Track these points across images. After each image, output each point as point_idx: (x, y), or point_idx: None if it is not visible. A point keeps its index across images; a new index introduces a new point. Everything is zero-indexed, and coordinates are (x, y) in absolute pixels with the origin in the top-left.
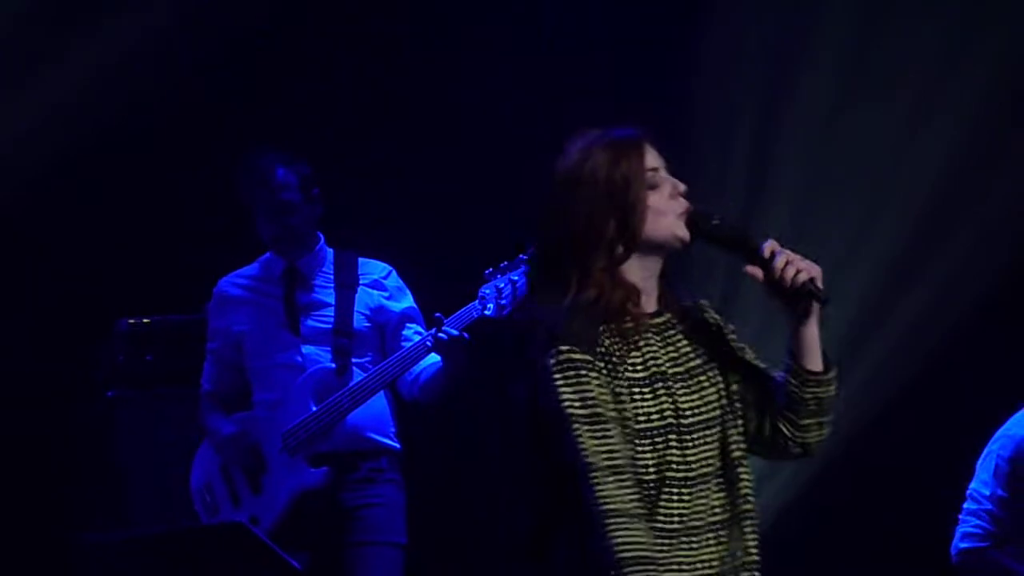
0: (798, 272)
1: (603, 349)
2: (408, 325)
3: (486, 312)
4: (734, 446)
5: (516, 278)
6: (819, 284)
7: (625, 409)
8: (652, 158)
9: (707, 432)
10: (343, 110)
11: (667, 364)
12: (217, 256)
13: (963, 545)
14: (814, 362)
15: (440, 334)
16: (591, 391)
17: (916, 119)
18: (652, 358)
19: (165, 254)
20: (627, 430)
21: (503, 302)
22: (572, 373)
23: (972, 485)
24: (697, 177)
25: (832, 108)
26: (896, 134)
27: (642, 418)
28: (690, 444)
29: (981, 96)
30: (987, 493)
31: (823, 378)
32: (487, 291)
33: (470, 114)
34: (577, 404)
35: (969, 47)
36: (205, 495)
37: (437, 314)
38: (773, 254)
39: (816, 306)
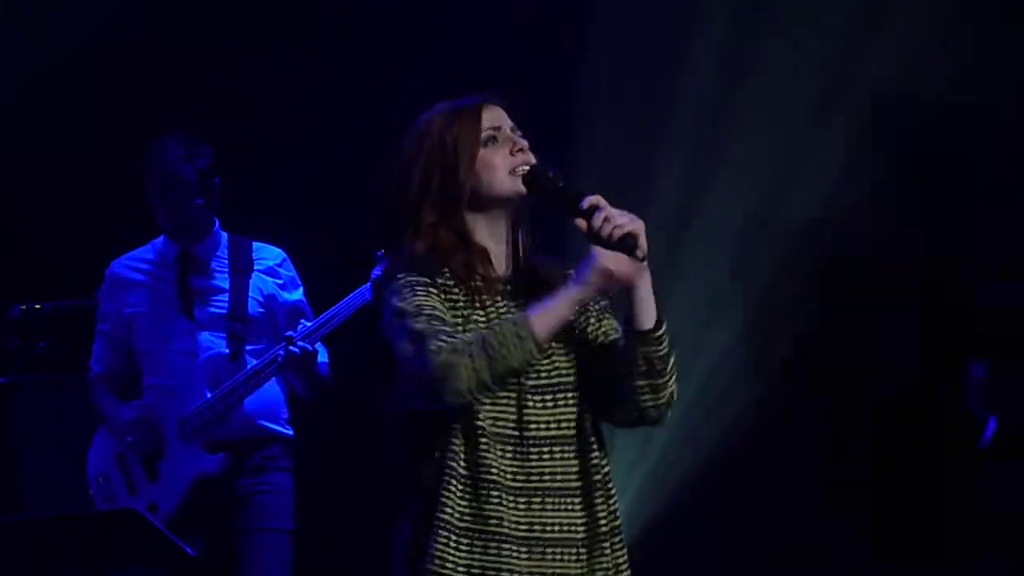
0: (615, 227)
1: (441, 283)
2: (300, 321)
3: None
4: (587, 415)
5: None
6: (640, 242)
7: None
8: (494, 117)
9: (557, 395)
10: (237, 94)
11: None
12: (109, 241)
13: None
14: (643, 320)
15: (292, 348)
16: (430, 301)
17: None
18: (496, 318)
19: (56, 240)
20: None
21: None
22: (410, 289)
23: None
24: (584, 169)
25: (715, 103)
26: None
27: None
28: (530, 404)
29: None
30: None
31: (650, 336)
32: (378, 273)
33: (362, 96)
34: (409, 308)
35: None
36: (101, 482)
37: (289, 332)
38: (593, 208)
39: (645, 260)
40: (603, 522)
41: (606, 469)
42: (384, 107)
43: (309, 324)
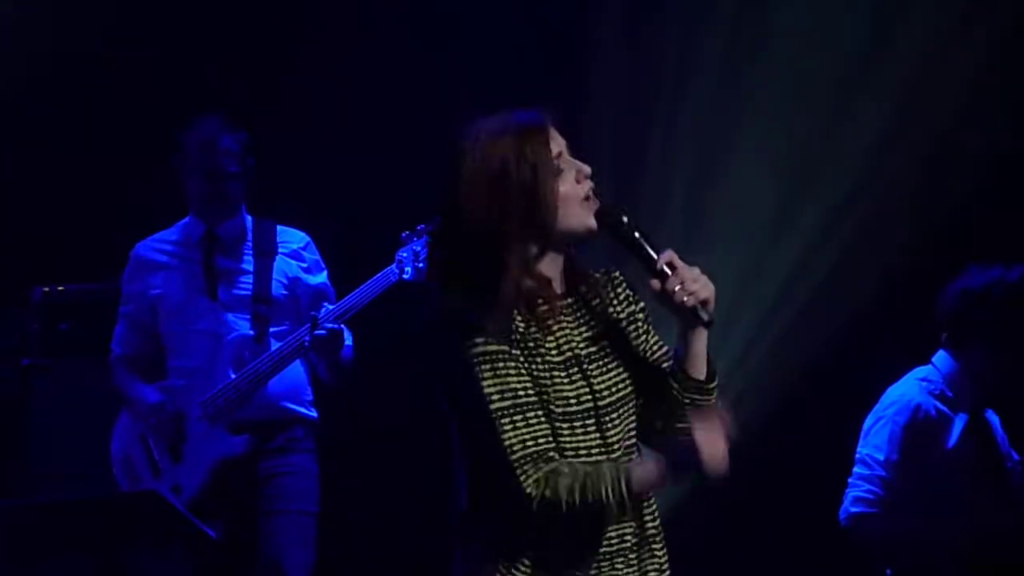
0: (689, 295)
1: (518, 336)
2: (322, 304)
3: (404, 276)
4: (644, 422)
5: None
6: (709, 307)
7: (547, 393)
8: (555, 142)
9: (623, 411)
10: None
11: (581, 345)
12: (131, 224)
13: (854, 510)
14: (697, 370)
15: (319, 331)
16: (510, 381)
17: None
18: (567, 341)
19: (81, 223)
20: (552, 415)
21: (421, 265)
22: (489, 365)
23: (863, 450)
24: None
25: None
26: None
27: (561, 403)
28: (608, 425)
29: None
30: (880, 458)
31: (703, 387)
32: (404, 255)
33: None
34: (496, 397)
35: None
36: (125, 464)
37: (313, 312)
38: (667, 270)
39: (713, 324)
40: (650, 526)
41: None
42: (405, 93)
43: (333, 307)
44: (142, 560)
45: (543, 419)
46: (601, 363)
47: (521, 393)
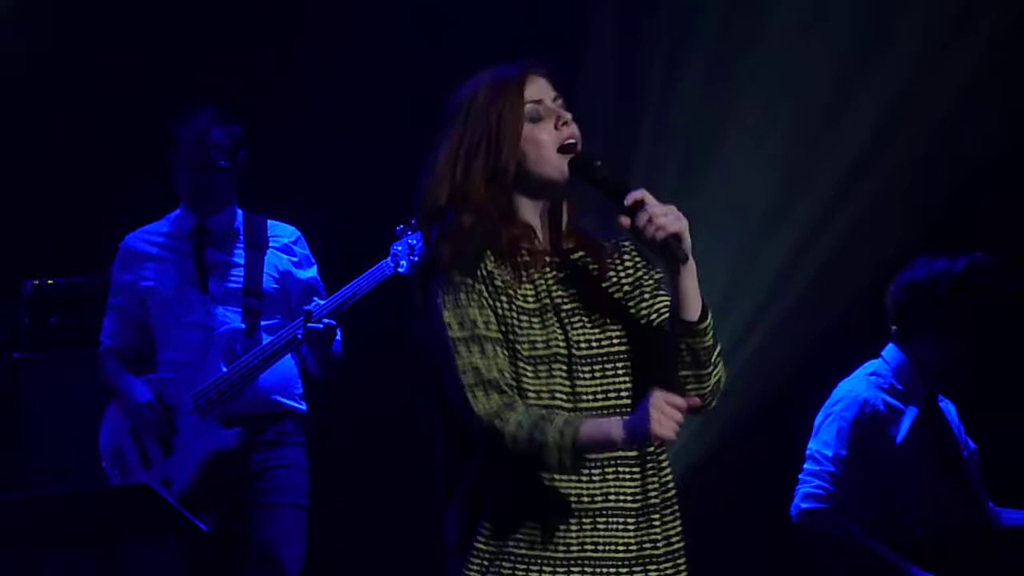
0: (658, 229)
1: (484, 275)
2: (312, 298)
3: (399, 269)
4: (641, 386)
5: None
6: (684, 242)
7: (512, 333)
8: (537, 90)
9: (604, 366)
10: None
11: (563, 298)
12: (121, 217)
13: (805, 505)
14: (687, 311)
15: (314, 324)
16: (471, 312)
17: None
18: (545, 291)
19: (71, 216)
20: (516, 355)
21: (415, 259)
22: (451, 296)
23: (812, 446)
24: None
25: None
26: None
27: (527, 345)
28: (581, 376)
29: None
30: (829, 454)
31: (695, 328)
32: (399, 248)
33: (381, 76)
34: (455, 325)
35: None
36: (115, 457)
37: (306, 307)
38: (637, 206)
39: (690, 258)
40: (653, 494)
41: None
42: (400, 84)
43: (324, 302)
44: (134, 553)
45: (501, 354)
46: (584, 317)
47: (481, 325)
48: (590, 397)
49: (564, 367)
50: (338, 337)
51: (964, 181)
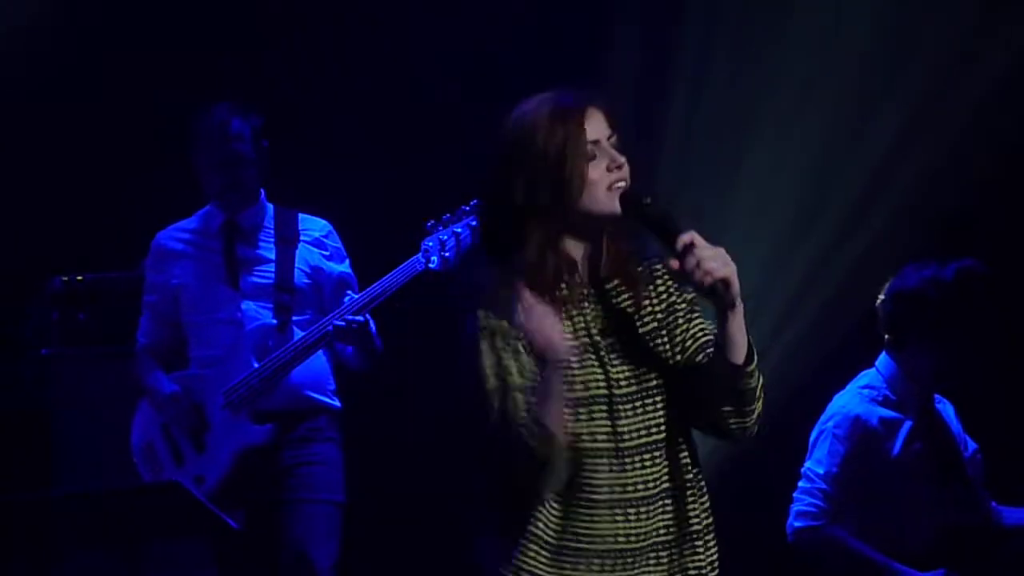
0: (706, 274)
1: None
2: (345, 292)
3: (430, 265)
4: (676, 416)
5: (459, 230)
6: (730, 285)
7: None
8: (594, 127)
9: (644, 402)
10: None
11: (602, 334)
12: (153, 213)
13: (798, 524)
14: (734, 354)
15: (339, 322)
16: (505, 359)
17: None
18: (584, 327)
19: (100, 211)
20: None
21: (447, 255)
22: (488, 341)
23: (807, 464)
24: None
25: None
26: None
27: (566, 388)
28: (623, 415)
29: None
30: (821, 471)
31: (741, 371)
32: (430, 244)
33: (411, 71)
34: (489, 373)
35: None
36: (147, 454)
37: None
38: (686, 249)
39: (737, 302)
40: (694, 521)
41: (697, 468)
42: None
43: (358, 296)
44: (163, 551)
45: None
46: (622, 353)
47: (515, 373)
48: (631, 435)
49: (605, 407)
50: (374, 331)
51: (994, 182)
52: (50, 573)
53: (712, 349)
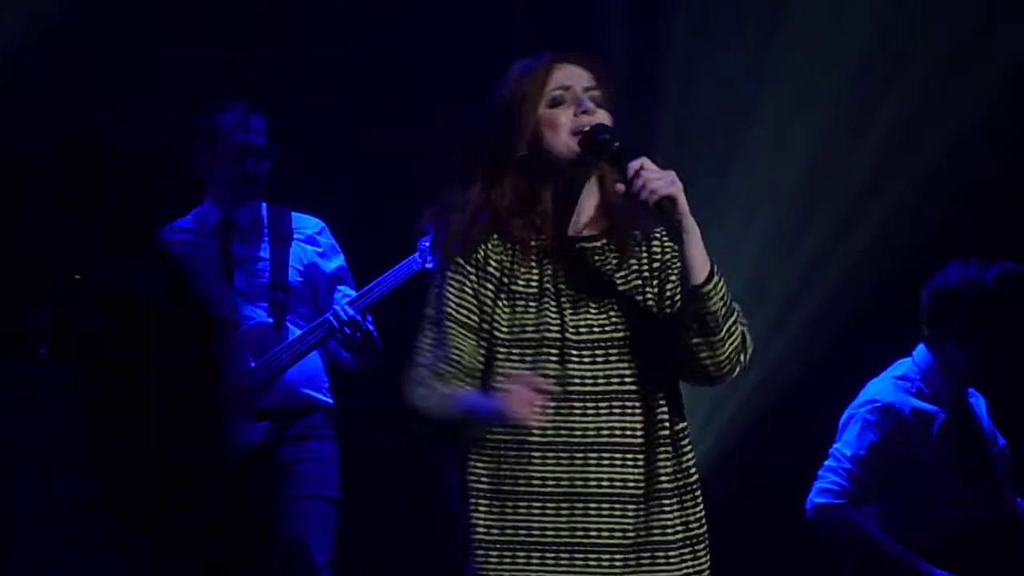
0: (651, 192)
1: (481, 256)
2: (338, 288)
3: (427, 265)
4: (651, 371)
5: None
6: (678, 204)
7: (491, 318)
8: (567, 76)
9: (607, 351)
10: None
11: (565, 283)
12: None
13: (819, 500)
14: (692, 275)
15: (335, 321)
16: (448, 295)
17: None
18: (550, 276)
19: None
20: (492, 339)
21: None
22: (439, 278)
23: (835, 445)
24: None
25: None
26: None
27: (508, 329)
28: (574, 359)
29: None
30: (848, 453)
31: (699, 291)
32: (427, 244)
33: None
34: (429, 307)
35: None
36: None
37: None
38: (636, 173)
39: (688, 222)
40: (665, 479)
41: (679, 425)
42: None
43: (353, 293)
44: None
45: (467, 337)
46: (587, 303)
47: (452, 307)
48: (579, 381)
49: (555, 351)
50: (373, 330)
51: (996, 179)
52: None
53: None
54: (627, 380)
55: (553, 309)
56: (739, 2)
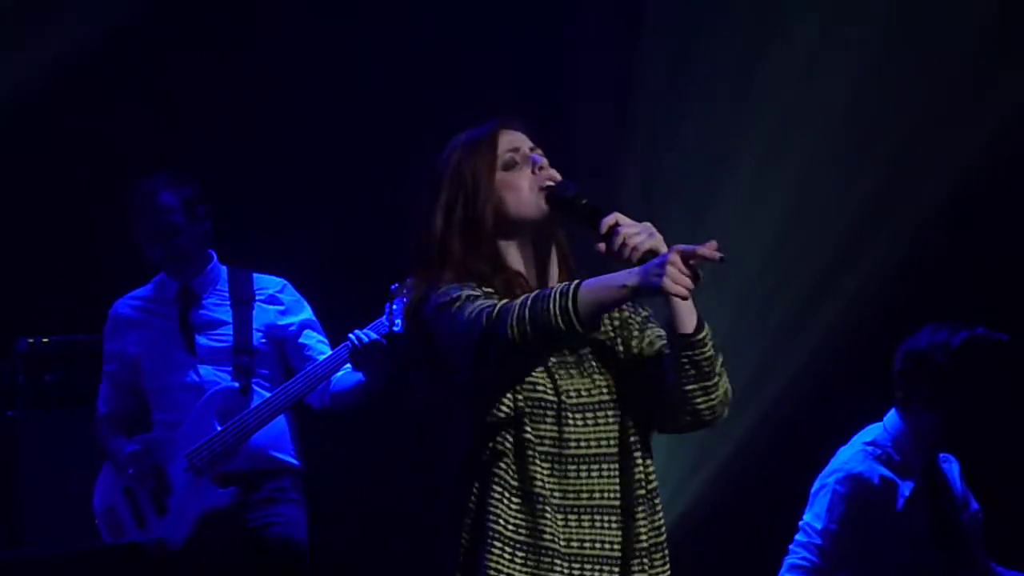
0: (633, 249)
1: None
2: (308, 333)
3: (394, 329)
4: (632, 431)
5: None
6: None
7: None
8: (511, 140)
9: (597, 414)
10: (239, 127)
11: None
12: (117, 276)
13: None
14: (683, 325)
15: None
16: (476, 293)
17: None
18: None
19: (65, 274)
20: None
21: None
22: (449, 290)
23: (805, 517)
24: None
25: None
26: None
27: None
28: (569, 422)
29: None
30: (819, 527)
31: (693, 340)
32: (395, 307)
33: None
34: (456, 297)
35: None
36: (109, 517)
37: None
38: (611, 230)
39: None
40: (643, 538)
41: (652, 484)
42: (394, 134)
43: (321, 360)
44: None
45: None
46: (572, 368)
47: (467, 291)
48: (575, 444)
49: (553, 413)
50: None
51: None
52: None
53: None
54: (612, 443)
55: (543, 374)
56: (714, 56)
